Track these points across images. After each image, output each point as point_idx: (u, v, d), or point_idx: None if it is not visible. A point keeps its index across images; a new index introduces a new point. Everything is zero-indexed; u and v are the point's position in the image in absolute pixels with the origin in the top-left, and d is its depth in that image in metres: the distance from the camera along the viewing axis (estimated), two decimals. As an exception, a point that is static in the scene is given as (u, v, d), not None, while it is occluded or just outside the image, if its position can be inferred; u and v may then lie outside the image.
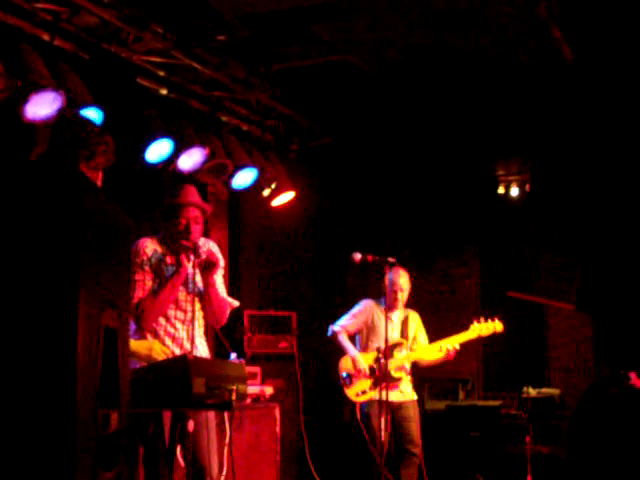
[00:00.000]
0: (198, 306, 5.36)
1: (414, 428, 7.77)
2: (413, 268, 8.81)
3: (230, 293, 5.73)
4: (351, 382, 7.73)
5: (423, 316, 8.29)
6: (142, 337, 5.21)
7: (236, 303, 5.59)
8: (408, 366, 7.91)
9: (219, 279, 5.50)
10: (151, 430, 4.82)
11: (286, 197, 8.76)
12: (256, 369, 8.06)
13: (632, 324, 8.84)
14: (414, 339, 8.01)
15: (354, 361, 7.75)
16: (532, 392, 9.25)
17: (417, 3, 7.06)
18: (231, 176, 8.05)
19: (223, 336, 5.59)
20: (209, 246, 5.48)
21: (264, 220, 9.63)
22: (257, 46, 7.76)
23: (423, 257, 10.87)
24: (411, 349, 7.92)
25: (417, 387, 8.95)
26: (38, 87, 5.87)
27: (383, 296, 7.73)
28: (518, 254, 10.74)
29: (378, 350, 7.41)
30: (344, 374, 7.77)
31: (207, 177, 7.99)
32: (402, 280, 7.85)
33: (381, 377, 7.35)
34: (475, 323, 7.96)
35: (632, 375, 6.94)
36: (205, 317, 5.45)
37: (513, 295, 9.06)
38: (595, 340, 10.10)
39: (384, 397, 7.13)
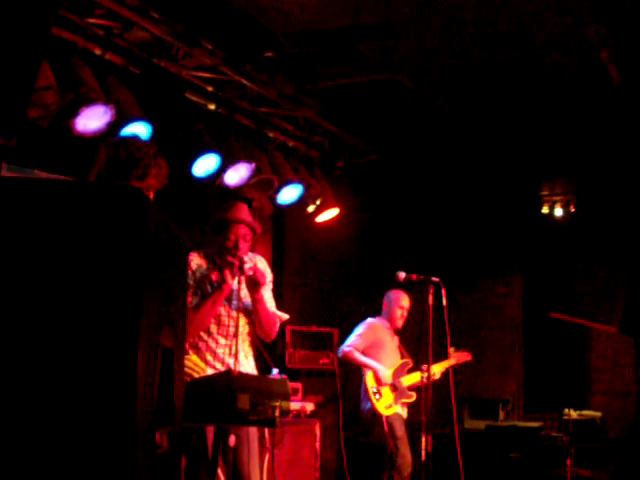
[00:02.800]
0: (243, 321, 5.36)
1: (409, 447, 7.95)
2: (457, 287, 8.80)
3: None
4: (380, 395, 7.81)
5: (466, 335, 8.36)
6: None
7: (286, 316, 5.60)
8: None
9: (267, 293, 5.49)
10: (193, 443, 4.84)
11: (331, 213, 8.79)
12: (297, 385, 8.07)
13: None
14: None
15: (377, 372, 7.82)
16: (573, 414, 9.18)
17: (466, 24, 7.06)
18: (276, 192, 8.09)
19: (265, 351, 5.59)
20: (256, 261, 5.49)
21: (308, 236, 9.66)
22: (304, 63, 7.79)
23: (467, 276, 10.84)
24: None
25: (457, 406, 8.93)
26: (89, 100, 5.94)
27: (384, 315, 7.96)
28: (561, 275, 10.68)
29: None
30: (373, 388, 7.84)
31: (253, 192, 8.03)
32: (407, 302, 8.08)
33: (402, 393, 7.85)
34: (454, 352, 8.13)
35: None
36: (251, 333, 5.45)
37: (556, 316, 9.00)
38: (638, 363, 10.01)
39: (399, 411, 7.72)
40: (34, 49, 5.16)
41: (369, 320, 8.20)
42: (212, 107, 7.60)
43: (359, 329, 8.13)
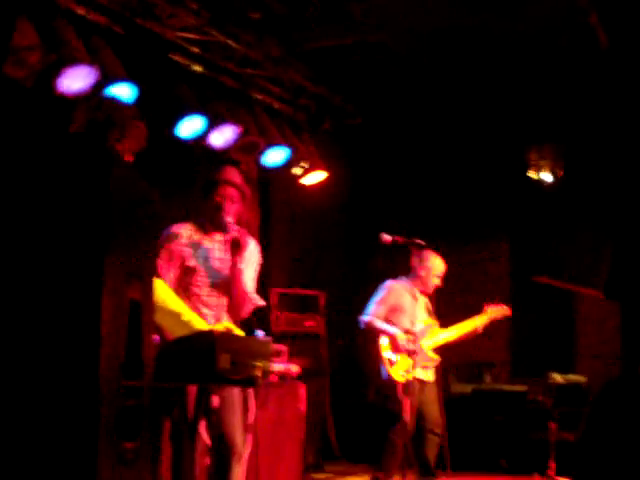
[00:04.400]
0: (224, 303, 5.34)
1: (437, 408, 7.80)
2: (443, 251, 8.80)
3: (260, 271, 5.68)
4: (396, 362, 7.71)
5: (452, 299, 8.32)
6: None
7: (261, 302, 5.50)
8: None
9: (248, 271, 5.44)
10: (176, 405, 4.85)
11: (317, 176, 8.76)
12: (282, 347, 8.07)
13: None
14: None
15: (395, 338, 7.71)
16: (559, 378, 9.21)
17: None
18: (262, 154, 8.06)
19: (252, 310, 5.57)
20: (248, 240, 5.45)
21: (295, 199, 9.63)
22: (291, 24, 7.74)
23: (453, 240, 10.83)
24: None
25: (443, 370, 8.95)
26: (72, 61, 5.89)
27: (406, 276, 7.80)
28: (548, 239, 10.69)
29: (407, 332, 7.46)
30: (388, 354, 7.73)
31: (239, 155, 8.00)
32: (442, 267, 7.90)
33: (420, 358, 7.59)
34: (487, 307, 7.99)
35: None
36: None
37: (541, 280, 9.01)
38: (623, 328, 10.04)
39: (420, 376, 7.56)
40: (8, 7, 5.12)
41: (388, 283, 7.94)
42: (197, 68, 7.54)
43: (378, 295, 7.89)
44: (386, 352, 7.72)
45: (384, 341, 7.76)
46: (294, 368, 7.48)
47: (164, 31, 6.94)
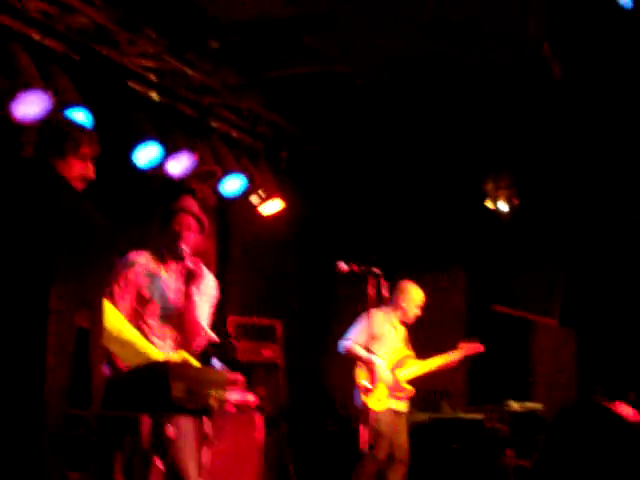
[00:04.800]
0: (176, 334, 5.30)
1: (406, 438, 7.89)
2: (400, 280, 8.81)
3: (217, 301, 5.63)
4: (371, 390, 7.70)
5: (409, 327, 8.33)
6: None
7: (214, 337, 5.46)
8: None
9: (204, 305, 5.41)
10: (129, 436, 4.79)
11: (274, 205, 8.75)
12: (239, 376, 8.02)
13: (615, 339, 8.86)
14: None
15: (375, 367, 7.71)
16: (515, 406, 9.25)
17: (407, 16, 7.07)
18: (219, 182, 8.04)
19: (206, 343, 5.53)
20: (205, 273, 5.43)
21: (252, 228, 9.60)
22: (249, 53, 7.75)
23: (410, 270, 10.85)
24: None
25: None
26: (27, 87, 5.86)
27: (392, 305, 7.87)
28: (505, 268, 10.74)
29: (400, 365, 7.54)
30: (364, 382, 7.73)
31: (195, 183, 7.97)
32: (422, 297, 8.00)
33: (395, 388, 7.78)
34: (462, 344, 8.32)
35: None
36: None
37: (498, 309, 9.07)
38: (579, 356, 10.11)
39: (394, 406, 7.77)
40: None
41: (370, 311, 8.00)
42: (154, 96, 7.52)
43: (360, 322, 7.96)
44: (364, 380, 7.74)
45: (360, 368, 7.79)
46: (251, 398, 7.44)
47: (121, 58, 6.92)
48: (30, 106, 5.89)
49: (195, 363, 4.82)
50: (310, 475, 9.15)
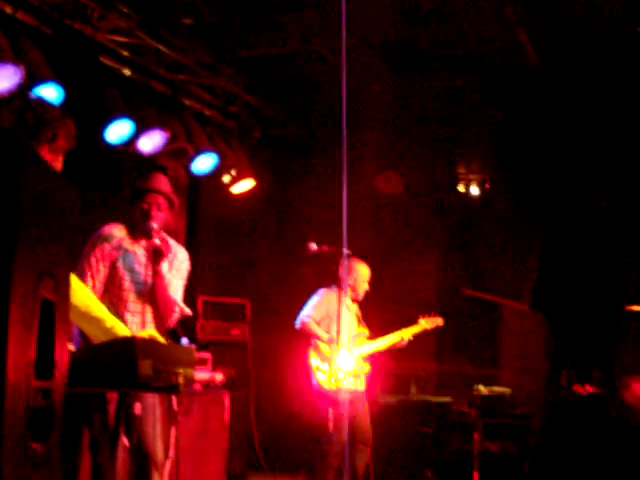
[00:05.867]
0: (149, 310, 5.28)
1: (368, 419, 7.85)
2: (372, 262, 8.82)
3: (188, 278, 5.62)
4: (324, 369, 7.71)
5: (380, 310, 8.35)
6: None
7: (188, 311, 5.44)
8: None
9: (177, 281, 5.41)
10: (96, 413, 4.77)
11: (246, 185, 8.73)
12: (207, 355, 8.01)
13: (585, 324, 8.92)
14: None
15: (331, 346, 7.71)
16: (483, 390, 9.29)
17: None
18: (191, 160, 8.00)
19: (179, 318, 5.52)
20: (177, 250, 5.43)
21: (223, 207, 9.58)
22: (224, 31, 7.71)
23: (381, 251, 10.86)
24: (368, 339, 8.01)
25: (370, 381, 8.96)
26: (-2, 60, 5.79)
27: (335, 285, 7.82)
28: (475, 252, 10.78)
29: (330, 340, 7.49)
30: (316, 362, 7.74)
31: (167, 161, 7.94)
32: (368, 272, 7.96)
33: (349, 366, 7.71)
34: (421, 318, 8.18)
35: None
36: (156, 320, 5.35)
37: (468, 293, 9.10)
38: (547, 340, 10.17)
39: (351, 385, 7.64)
40: None
41: (322, 290, 7.97)
42: (127, 72, 7.47)
43: (313, 300, 7.92)
44: (314, 359, 7.73)
45: (313, 348, 7.77)
46: (218, 377, 7.43)
47: (94, 33, 6.86)
48: (1, 80, 5.83)
49: (162, 340, 4.80)
50: (276, 454, 9.16)
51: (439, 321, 8.34)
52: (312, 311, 7.85)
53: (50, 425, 2.55)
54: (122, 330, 4.49)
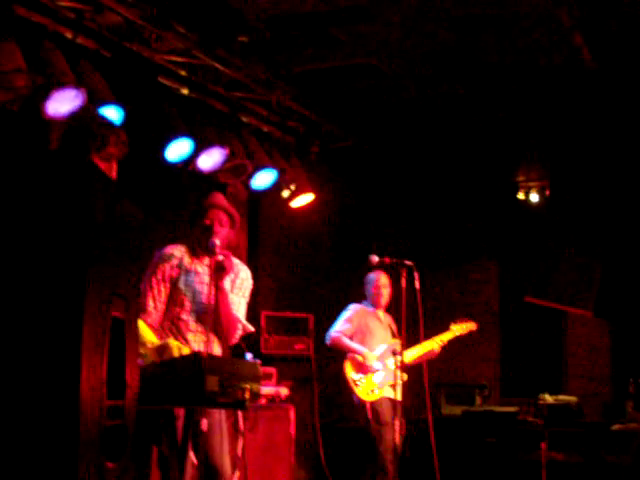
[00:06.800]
0: (211, 329, 5.28)
1: (400, 432, 7.90)
2: (432, 273, 8.82)
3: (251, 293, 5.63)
4: (362, 382, 7.80)
5: (441, 322, 8.35)
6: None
7: (251, 328, 5.46)
8: None
9: (240, 299, 5.44)
10: (164, 430, 4.81)
11: (305, 199, 8.77)
12: (272, 370, 8.05)
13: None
14: None
15: (365, 357, 7.81)
16: (549, 399, 9.22)
17: (440, 8, 7.05)
18: (250, 177, 8.06)
19: (242, 335, 5.54)
20: (240, 267, 5.46)
21: (283, 222, 9.64)
22: (278, 47, 7.76)
23: (442, 262, 10.84)
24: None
25: (434, 392, 8.95)
26: (59, 84, 5.89)
27: (366, 300, 8.12)
28: (537, 260, 10.70)
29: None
30: (353, 375, 7.83)
31: (227, 177, 8.00)
32: (384, 279, 8.15)
33: (386, 377, 7.78)
34: (452, 324, 8.24)
35: None
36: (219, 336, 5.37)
37: (531, 301, 9.03)
38: (613, 348, 10.06)
39: (389, 395, 7.62)
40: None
41: (353, 305, 8.17)
42: (185, 91, 7.55)
43: (344, 314, 8.09)
44: (351, 373, 7.82)
45: (348, 362, 7.86)
46: (283, 391, 7.47)
47: (152, 54, 6.94)
48: (63, 103, 5.93)
49: (185, 351, 4.79)
50: (342, 469, 9.16)
51: (472, 326, 8.37)
52: (341, 326, 7.97)
53: (123, 444, 2.58)
54: (150, 335, 4.58)
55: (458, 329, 8.20)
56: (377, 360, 7.86)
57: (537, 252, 10.67)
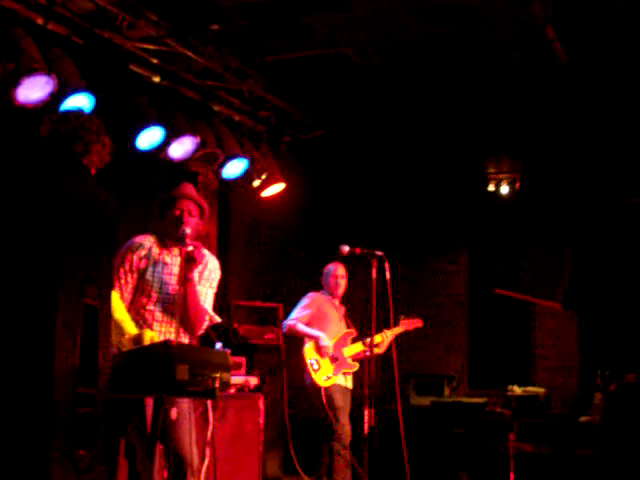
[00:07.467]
0: (177, 319, 5.24)
1: (349, 418, 8.02)
2: (402, 264, 8.83)
3: (219, 284, 5.61)
4: (319, 367, 7.90)
5: (411, 310, 8.41)
6: None
7: (218, 319, 5.44)
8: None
9: (207, 289, 5.41)
10: (133, 419, 4.79)
11: (276, 188, 8.76)
12: (241, 359, 8.03)
13: (618, 323, 8.87)
14: None
15: (320, 340, 7.90)
16: (517, 390, 9.28)
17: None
18: (221, 166, 8.04)
19: (209, 326, 5.53)
20: (208, 258, 5.42)
21: (254, 211, 9.62)
22: (251, 36, 7.74)
23: (412, 253, 10.88)
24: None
25: (402, 382, 8.98)
26: (30, 71, 5.84)
27: (325, 288, 8.28)
28: (507, 252, 10.76)
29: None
30: (311, 360, 7.92)
31: (198, 166, 7.98)
32: (342, 270, 8.26)
33: (343, 363, 8.00)
34: (401, 319, 8.23)
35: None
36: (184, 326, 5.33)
37: (501, 292, 9.08)
38: (581, 340, 10.13)
39: (342, 382, 7.95)
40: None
41: (311, 293, 8.29)
42: (156, 79, 7.51)
43: (302, 302, 8.22)
44: (309, 358, 7.89)
45: (307, 346, 7.94)
46: (253, 380, 7.46)
47: (124, 42, 6.90)
48: (34, 90, 5.89)
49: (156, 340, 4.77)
50: (310, 458, 9.17)
51: (418, 323, 8.37)
52: (298, 313, 8.08)
53: (94, 431, 2.57)
54: (130, 326, 4.57)
55: (406, 324, 8.24)
56: (333, 347, 7.98)
57: (507, 244, 10.72)
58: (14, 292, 2.35)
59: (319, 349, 7.96)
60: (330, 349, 7.93)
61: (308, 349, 8.00)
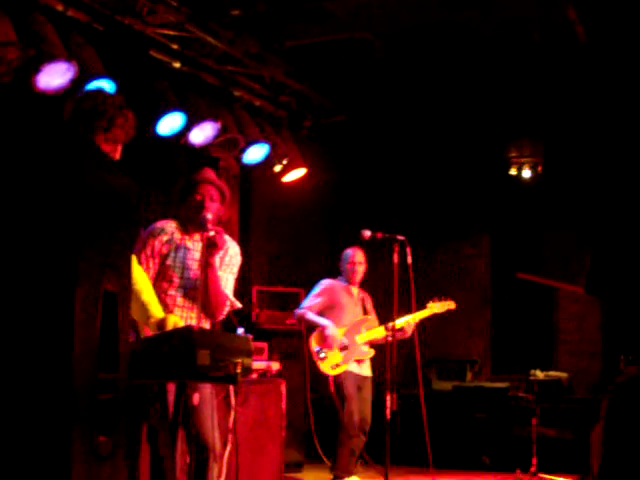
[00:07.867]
0: (199, 305, 5.23)
1: (370, 407, 7.92)
2: (424, 248, 8.80)
3: (240, 269, 5.61)
4: (325, 356, 7.79)
5: (433, 295, 8.32)
6: None
7: (239, 305, 5.43)
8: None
9: (228, 275, 5.40)
10: (155, 405, 4.80)
11: (297, 173, 8.76)
12: (263, 345, 8.05)
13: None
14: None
15: (326, 329, 7.78)
16: (540, 375, 9.24)
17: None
18: (242, 151, 8.04)
19: (230, 311, 5.53)
20: (229, 244, 5.40)
21: (275, 196, 9.61)
22: (271, 22, 7.72)
23: (434, 237, 10.85)
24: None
25: (424, 367, 8.97)
26: (51, 57, 5.86)
27: (342, 274, 8.04)
28: (529, 236, 10.72)
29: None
30: (317, 348, 7.82)
31: (219, 152, 7.98)
32: (360, 255, 8.03)
33: (352, 352, 7.79)
34: (430, 302, 8.09)
35: None
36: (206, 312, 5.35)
37: (523, 277, 9.03)
38: (604, 324, 10.07)
39: (355, 370, 7.78)
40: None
41: (324, 280, 8.12)
42: (177, 65, 7.51)
43: (314, 290, 8.07)
44: (315, 346, 7.81)
45: (314, 336, 7.87)
46: (275, 366, 7.47)
47: (144, 28, 6.91)
48: (54, 77, 5.90)
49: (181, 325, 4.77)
50: (333, 443, 9.19)
51: (451, 304, 8.19)
52: (310, 301, 7.96)
53: (116, 418, 2.57)
54: (157, 309, 4.56)
55: (435, 307, 8.11)
56: (344, 335, 7.84)
57: (529, 228, 10.68)
58: (32, 279, 2.35)
59: (324, 338, 7.82)
60: (334, 338, 7.77)
61: (313, 339, 7.92)
